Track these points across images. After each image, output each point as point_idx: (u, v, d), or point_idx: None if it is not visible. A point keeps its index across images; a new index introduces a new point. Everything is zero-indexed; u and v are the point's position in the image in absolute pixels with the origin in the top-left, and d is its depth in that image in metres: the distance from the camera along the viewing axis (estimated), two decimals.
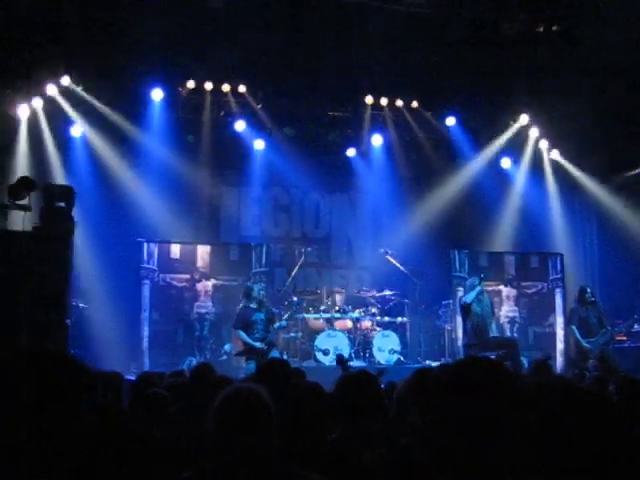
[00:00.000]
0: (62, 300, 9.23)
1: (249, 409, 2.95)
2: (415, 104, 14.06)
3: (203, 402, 3.93)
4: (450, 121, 14.14)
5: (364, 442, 3.60)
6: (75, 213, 9.82)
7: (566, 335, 12.61)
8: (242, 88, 13.45)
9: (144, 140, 13.30)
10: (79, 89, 12.68)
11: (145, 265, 12.48)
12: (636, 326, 12.57)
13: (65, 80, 12.43)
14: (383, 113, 14.24)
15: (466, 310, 11.36)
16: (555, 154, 14.57)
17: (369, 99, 13.86)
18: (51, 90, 12.35)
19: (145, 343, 11.94)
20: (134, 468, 3.29)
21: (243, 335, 10.70)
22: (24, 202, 9.02)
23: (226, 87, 13.40)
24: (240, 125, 13.78)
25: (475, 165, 14.61)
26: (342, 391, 3.98)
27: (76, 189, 9.98)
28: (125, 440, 3.34)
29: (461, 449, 2.38)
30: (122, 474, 3.04)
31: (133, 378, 7.56)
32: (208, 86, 13.31)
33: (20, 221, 8.98)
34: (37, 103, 12.34)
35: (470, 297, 11.29)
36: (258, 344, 10.59)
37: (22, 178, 9.35)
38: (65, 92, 12.71)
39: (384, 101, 14.01)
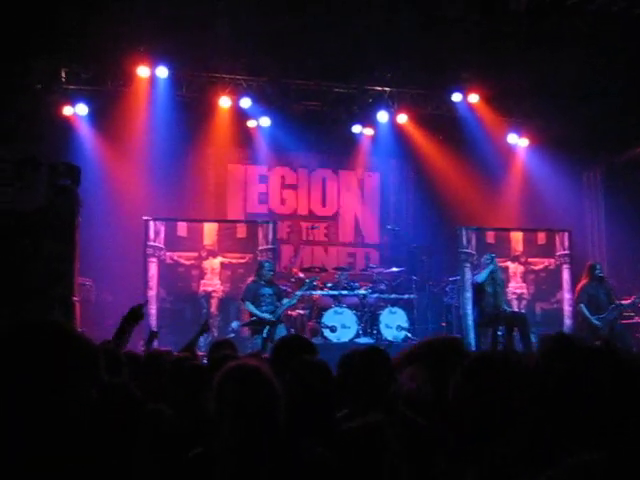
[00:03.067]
0: (69, 278, 9.25)
1: (248, 386, 2.93)
2: (420, 80, 13.92)
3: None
4: (456, 97, 13.99)
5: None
6: (81, 191, 9.81)
7: (574, 312, 12.55)
8: (247, 66, 13.35)
9: (150, 118, 13.24)
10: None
11: (151, 243, 12.47)
12: None
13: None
14: (388, 89, 14.10)
15: (478, 289, 11.36)
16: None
17: (374, 75, 13.75)
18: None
19: (153, 321, 11.94)
20: (140, 444, 3.28)
21: (251, 307, 10.85)
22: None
23: (229, 66, 13.29)
24: (246, 102, 13.70)
25: (482, 141, 14.48)
26: (350, 368, 3.97)
27: (82, 168, 9.96)
28: (132, 416, 3.33)
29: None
30: (125, 450, 3.03)
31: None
32: (212, 64, 13.20)
33: (27, 199, 8.99)
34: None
35: (482, 277, 11.29)
36: (266, 315, 10.71)
37: (28, 157, 9.34)
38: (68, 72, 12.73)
39: (389, 77, 13.88)
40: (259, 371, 2.96)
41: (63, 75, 12.83)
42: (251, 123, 14.40)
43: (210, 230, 12.93)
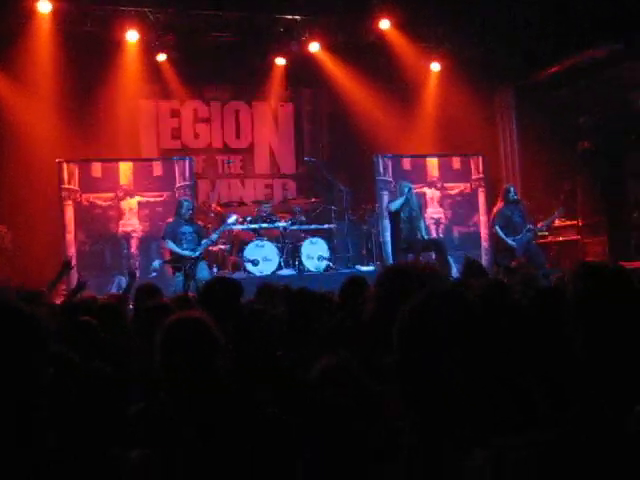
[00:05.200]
0: None
1: (194, 337, 2.95)
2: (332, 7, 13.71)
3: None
4: (368, 23, 13.85)
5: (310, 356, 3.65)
6: None
7: (490, 234, 12.86)
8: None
9: (55, 56, 12.75)
10: None
11: (66, 186, 12.19)
12: (557, 222, 12.96)
13: None
14: (300, 17, 13.86)
15: (393, 216, 11.51)
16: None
17: (284, 4, 13.50)
18: None
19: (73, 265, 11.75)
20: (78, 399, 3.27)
21: (171, 244, 10.81)
22: None
23: None
24: (153, 35, 13.32)
25: (395, 68, 14.46)
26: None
27: None
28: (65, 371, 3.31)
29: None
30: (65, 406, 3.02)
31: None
32: None
33: None
34: None
35: (395, 205, 11.45)
36: (187, 252, 10.68)
37: None
38: None
39: (300, 5, 13.64)
40: (203, 322, 2.98)
41: None
42: (160, 57, 14.03)
43: (125, 169, 12.70)
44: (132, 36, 13.19)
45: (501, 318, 2.98)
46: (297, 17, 13.79)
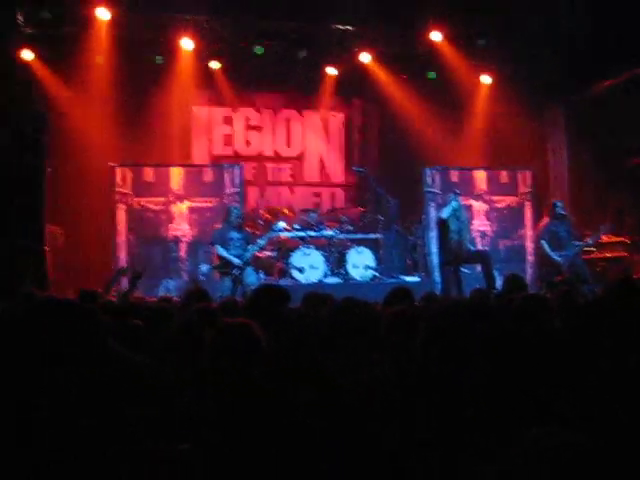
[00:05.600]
0: (39, 229, 9.28)
1: (241, 343, 3.10)
2: (384, 19, 13.80)
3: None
4: (436, 36, 13.85)
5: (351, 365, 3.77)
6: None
7: (536, 249, 12.84)
8: (208, 6, 13.12)
9: (111, 62, 13.05)
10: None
11: (119, 189, 12.47)
12: (605, 238, 12.88)
13: None
14: (352, 28, 13.98)
15: (442, 226, 11.54)
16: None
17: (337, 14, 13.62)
18: None
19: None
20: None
21: (220, 249, 10.94)
22: None
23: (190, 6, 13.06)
24: (207, 43, 13.56)
25: (445, 80, 14.52)
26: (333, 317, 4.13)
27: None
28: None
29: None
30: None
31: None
32: (172, 4, 12.96)
33: None
34: None
35: (446, 213, 11.45)
36: (235, 259, 10.81)
37: None
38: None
39: (352, 16, 13.75)
40: (250, 330, 3.12)
41: (20, 18, 12.54)
42: (213, 64, 14.27)
43: (177, 175, 12.94)
44: (187, 44, 13.44)
45: (535, 333, 3.06)
46: (349, 27, 13.92)
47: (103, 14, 12.52)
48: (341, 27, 13.89)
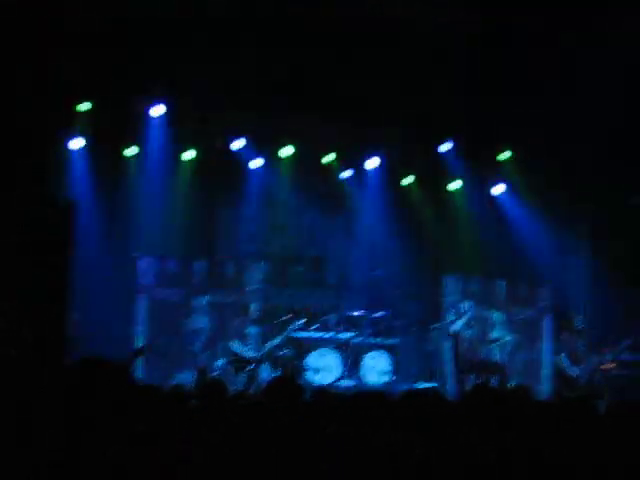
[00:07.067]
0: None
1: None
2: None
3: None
4: (445, 147, 14.21)
5: None
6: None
7: (553, 362, 12.72)
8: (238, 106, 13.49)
9: (140, 155, 13.42)
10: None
11: (140, 279, 12.58)
12: (625, 354, 12.74)
13: None
14: (377, 135, 14.29)
15: (455, 337, 11.54)
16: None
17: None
18: None
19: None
20: None
21: (236, 345, 10.94)
22: None
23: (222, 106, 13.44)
24: (238, 144, 13.90)
25: (468, 190, 14.75)
26: None
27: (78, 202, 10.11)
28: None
29: None
30: None
31: None
32: (205, 103, 13.35)
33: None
34: None
35: (458, 325, 11.48)
36: (251, 353, 10.80)
37: None
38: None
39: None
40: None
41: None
42: (252, 164, 14.55)
43: (199, 267, 13.05)
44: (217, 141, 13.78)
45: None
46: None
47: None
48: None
